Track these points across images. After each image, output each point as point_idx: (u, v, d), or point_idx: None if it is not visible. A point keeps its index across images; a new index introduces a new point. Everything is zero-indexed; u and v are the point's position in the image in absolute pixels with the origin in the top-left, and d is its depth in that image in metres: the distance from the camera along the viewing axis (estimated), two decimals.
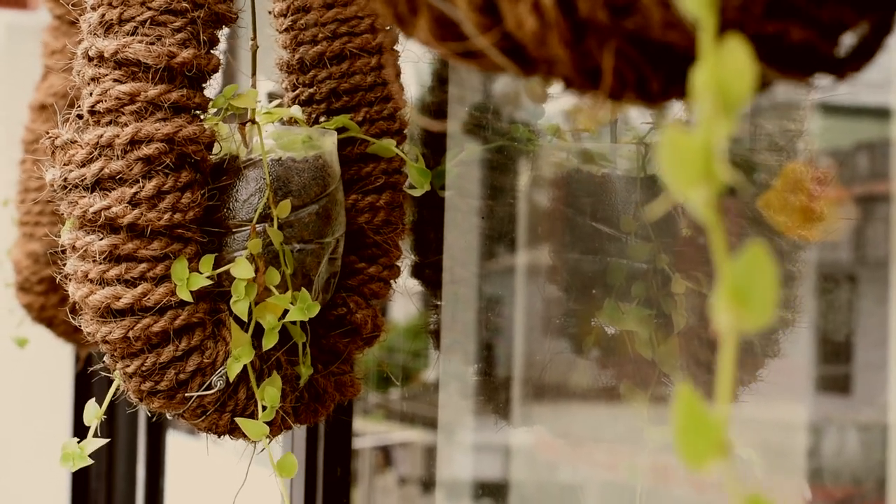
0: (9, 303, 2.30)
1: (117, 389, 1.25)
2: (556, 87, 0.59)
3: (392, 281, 1.35)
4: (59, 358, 2.85)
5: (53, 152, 1.19)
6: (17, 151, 2.29)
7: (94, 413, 1.26)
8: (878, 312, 1.45)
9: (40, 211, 2.17)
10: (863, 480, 1.50)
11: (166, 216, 1.16)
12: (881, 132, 1.51)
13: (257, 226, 1.21)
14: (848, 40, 0.56)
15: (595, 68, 0.54)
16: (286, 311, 1.21)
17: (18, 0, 3.21)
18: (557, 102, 1.49)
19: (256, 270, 1.20)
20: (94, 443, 1.24)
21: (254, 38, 1.31)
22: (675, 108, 1.37)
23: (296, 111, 1.33)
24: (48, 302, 2.20)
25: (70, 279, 1.20)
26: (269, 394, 1.22)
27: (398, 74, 1.36)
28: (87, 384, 2.59)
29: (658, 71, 0.54)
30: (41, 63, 2.25)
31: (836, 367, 1.57)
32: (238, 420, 1.21)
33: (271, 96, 1.41)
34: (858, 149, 1.54)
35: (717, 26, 0.47)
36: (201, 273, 1.18)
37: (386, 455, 2.89)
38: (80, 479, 2.85)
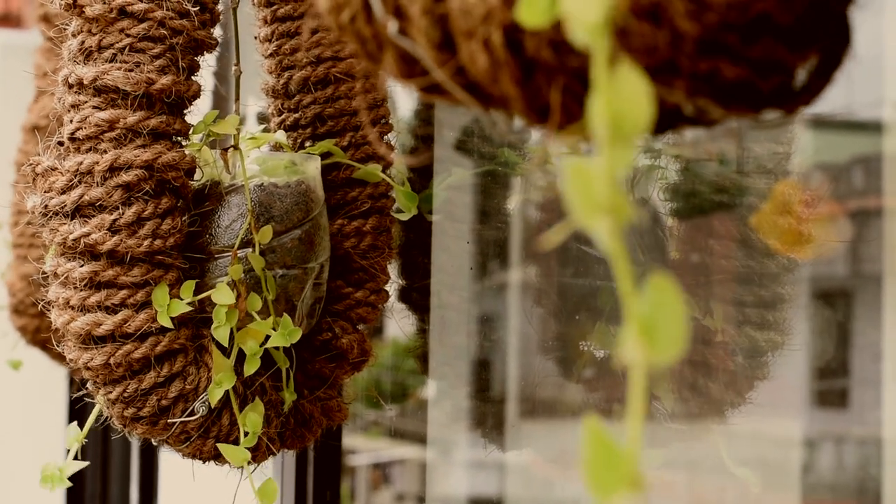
0: (3, 326, 2.29)
1: (100, 415, 1.24)
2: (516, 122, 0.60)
3: (379, 305, 1.34)
4: (54, 381, 2.84)
5: (34, 179, 1.19)
6: (10, 173, 2.29)
7: (74, 436, 1.26)
8: (873, 327, 1.45)
9: (34, 233, 2.16)
10: (858, 495, 1.50)
11: (146, 242, 1.16)
12: (876, 146, 1.50)
13: (239, 251, 1.21)
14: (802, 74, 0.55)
15: (545, 104, 0.54)
16: (268, 337, 1.20)
17: (13, 19, 3.21)
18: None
19: (238, 296, 1.19)
20: (73, 465, 1.23)
21: (237, 64, 1.31)
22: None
23: (280, 136, 1.32)
24: (42, 324, 2.18)
25: (52, 306, 1.20)
26: (251, 419, 1.22)
27: (384, 98, 1.35)
28: (82, 407, 2.58)
29: None
30: (34, 84, 2.25)
31: (832, 381, 1.56)
32: (220, 446, 1.20)
33: (261, 118, 1.41)
34: (853, 163, 1.53)
35: (610, 53, 0.46)
36: (182, 299, 1.18)
37: (383, 472, 2.88)
38: (75, 502, 2.84)
